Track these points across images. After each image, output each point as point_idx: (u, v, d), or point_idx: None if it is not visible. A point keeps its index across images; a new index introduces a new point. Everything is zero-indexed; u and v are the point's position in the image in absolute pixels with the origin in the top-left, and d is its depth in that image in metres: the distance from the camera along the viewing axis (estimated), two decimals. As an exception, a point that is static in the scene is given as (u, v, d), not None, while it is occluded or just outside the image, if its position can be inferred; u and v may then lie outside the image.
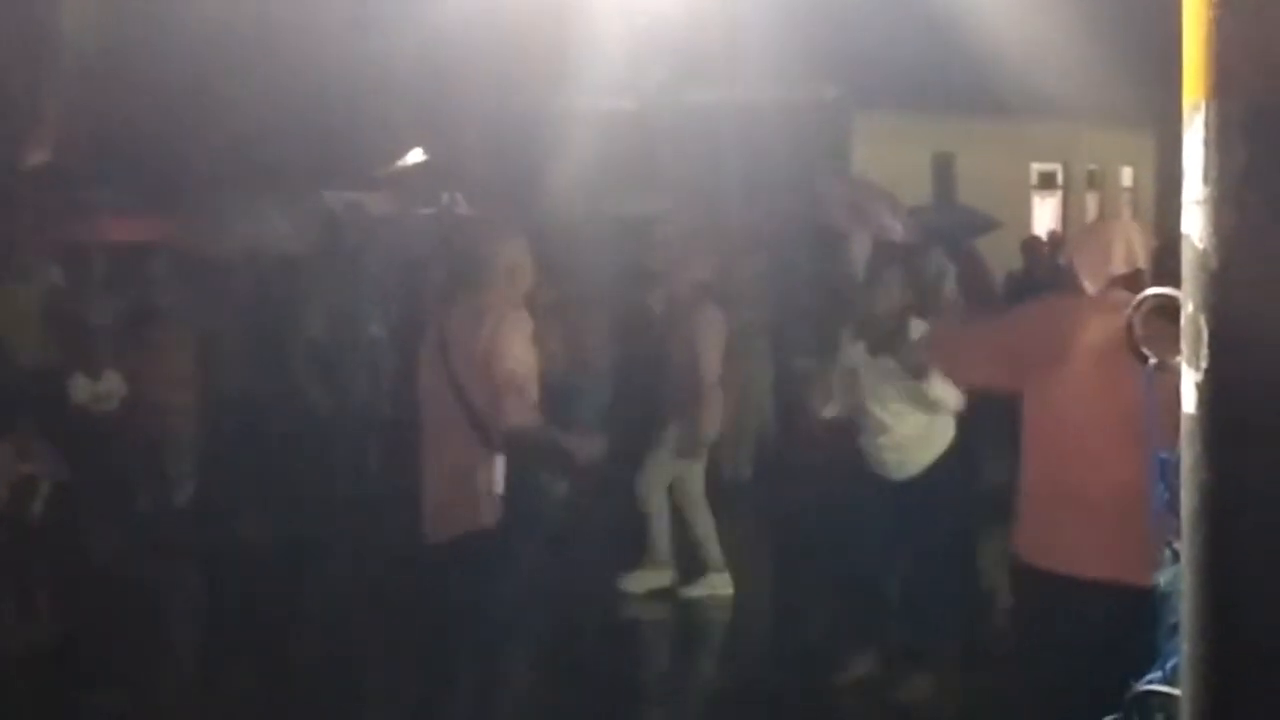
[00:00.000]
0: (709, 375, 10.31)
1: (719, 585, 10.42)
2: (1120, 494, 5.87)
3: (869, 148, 21.90)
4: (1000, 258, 18.04)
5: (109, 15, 18.85)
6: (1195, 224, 2.43)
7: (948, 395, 8.44)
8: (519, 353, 7.12)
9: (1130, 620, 5.87)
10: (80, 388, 12.17)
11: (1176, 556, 2.88)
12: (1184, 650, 2.57)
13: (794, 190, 17.29)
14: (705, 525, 10.42)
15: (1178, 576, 2.79)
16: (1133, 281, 5.99)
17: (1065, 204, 27.69)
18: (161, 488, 12.48)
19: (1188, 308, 2.46)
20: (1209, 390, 2.39)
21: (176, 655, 9.87)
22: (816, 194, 17.10)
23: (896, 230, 16.48)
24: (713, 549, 10.43)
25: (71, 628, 9.97)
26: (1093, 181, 28.46)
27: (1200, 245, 2.40)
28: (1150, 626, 3.71)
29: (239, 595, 10.30)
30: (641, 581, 10.49)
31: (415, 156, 20.68)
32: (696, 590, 10.41)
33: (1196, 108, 2.45)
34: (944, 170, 23.51)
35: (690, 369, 10.27)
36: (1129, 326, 3.96)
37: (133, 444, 12.36)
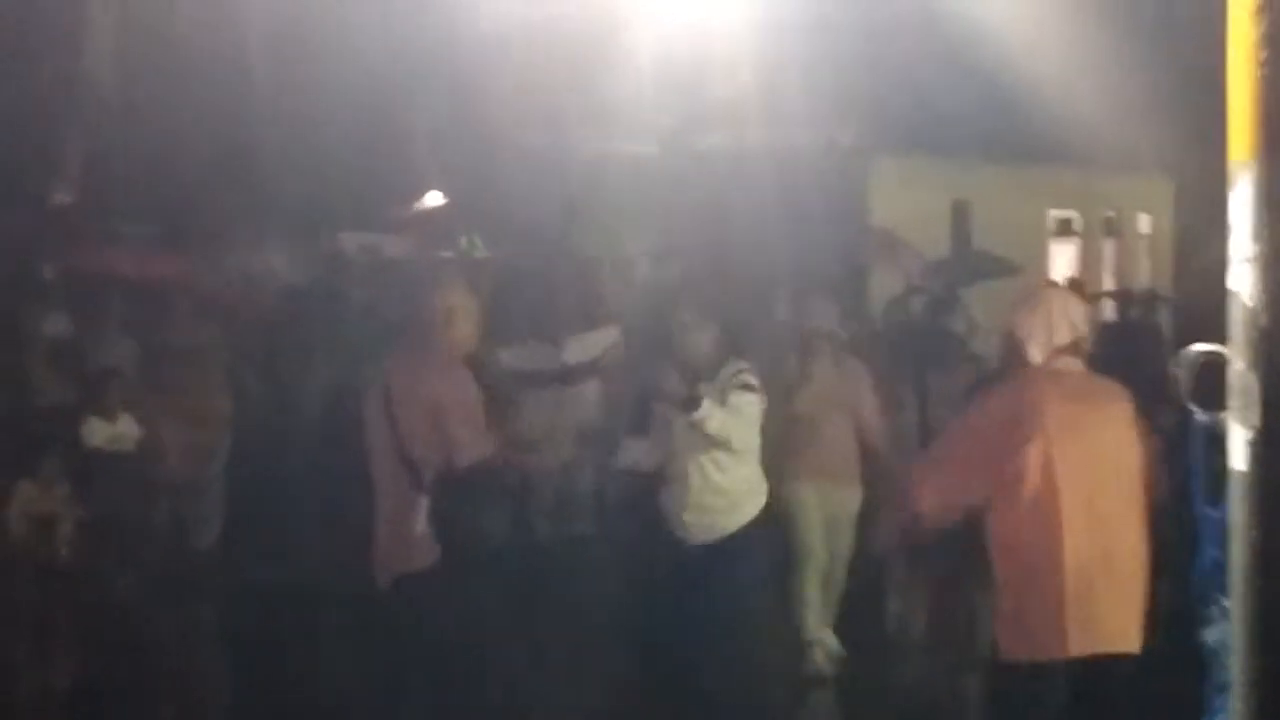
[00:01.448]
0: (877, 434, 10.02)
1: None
2: (1104, 561, 5.86)
3: (886, 193, 21.89)
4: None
5: (129, 55, 18.92)
6: (1244, 282, 2.43)
7: (727, 429, 7.91)
8: (460, 406, 7.12)
9: (1122, 688, 5.90)
10: (95, 430, 12.13)
11: (1225, 614, 2.88)
12: (1234, 707, 2.57)
13: (816, 234, 17.29)
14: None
15: (1227, 634, 2.79)
16: (1075, 348, 6.00)
17: (1083, 251, 27.66)
18: (179, 529, 12.46)
19: (1237, 365, 2.46)
20: (1260, 447, 2.39)
21: (193, 697, 9.85)
22: (839, 238, 17.13)
23: (917, 272, 16.52)
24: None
25: (89, 669, 9.96)
26: (1110, 228, 28.43)
27: (1250, 303, 2.40)
28: (1198, 684, 3.72)
29: (254, 638, 10.28)
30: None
31: (433, 199, 20.71)
32: None
33: (1244, 165, 2.45)
34: (961, 216, 23.49)
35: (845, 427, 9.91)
36: (1175, 379, 3.96)
37: (150, 485, 12.32)
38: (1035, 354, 5.98)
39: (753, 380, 8.05)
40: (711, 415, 7.78)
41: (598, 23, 17.02)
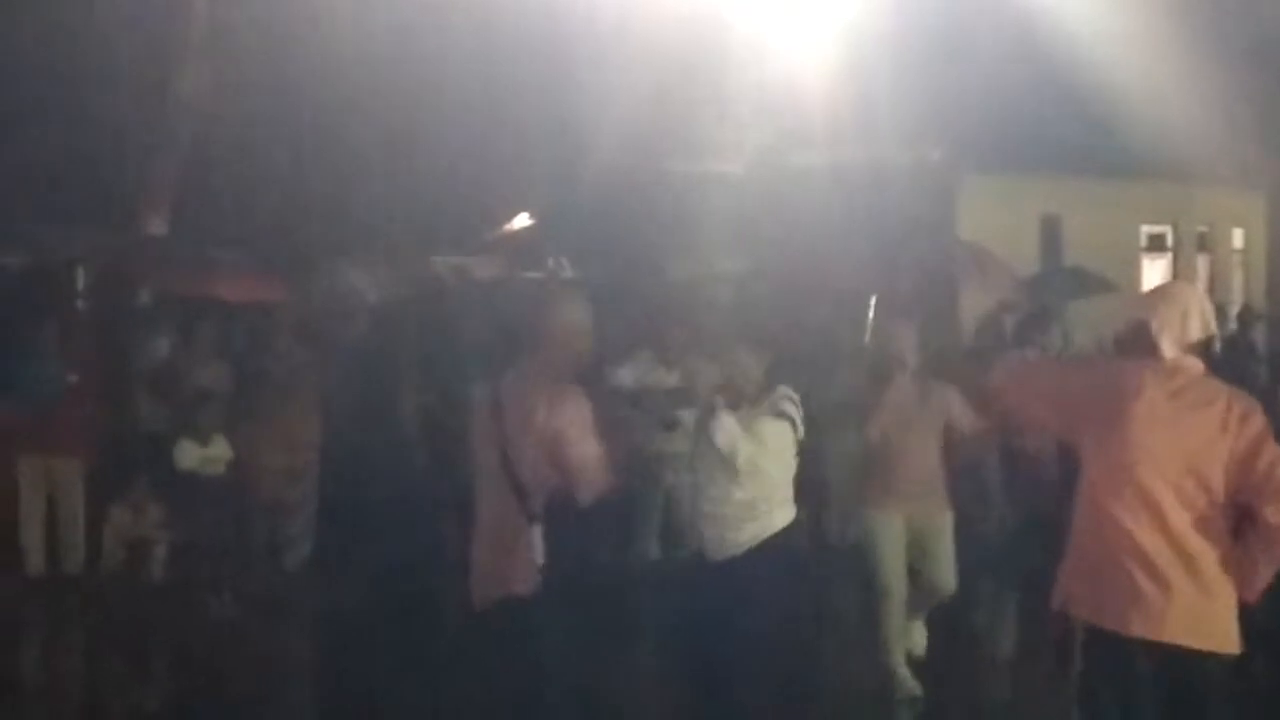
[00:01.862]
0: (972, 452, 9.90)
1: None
2: (1183, 556, 5.89)
3: (975, 209, 21.83)
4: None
5: (223, 81, 19.13)
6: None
7: (724, 438, 7.85)
8: (580, 433, 7.05)
9: (1188, 687, 5.88)
10: (187, 453, 12.27)
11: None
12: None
13: (907, 252, 17.24)
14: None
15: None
16: (1203, 347, 6.03)
17: (1175, 266, 27.45)
18: (271, 550, 12.56)
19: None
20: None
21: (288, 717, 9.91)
22: (927, 255, 17.05)
23: (1008, 287, 16.44)
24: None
25: (186, 689, 10.06)
26: (1203, 243, 28.20)
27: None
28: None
29: (344, 660, 10.32)
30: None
31: (522, 221, 20.83)
32: None
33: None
34: (1052, 232, 23.38)
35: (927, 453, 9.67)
36: (1276, 396, 3.97)
37: (242, 507, 12.43)
38: (1168, 347, 5.99)
39: (790, 409, 8.01)
40: (722, 430, 7.79)
41: (687, 44, 17.07)
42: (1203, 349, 6.02)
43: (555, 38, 17.55)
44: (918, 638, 10.02)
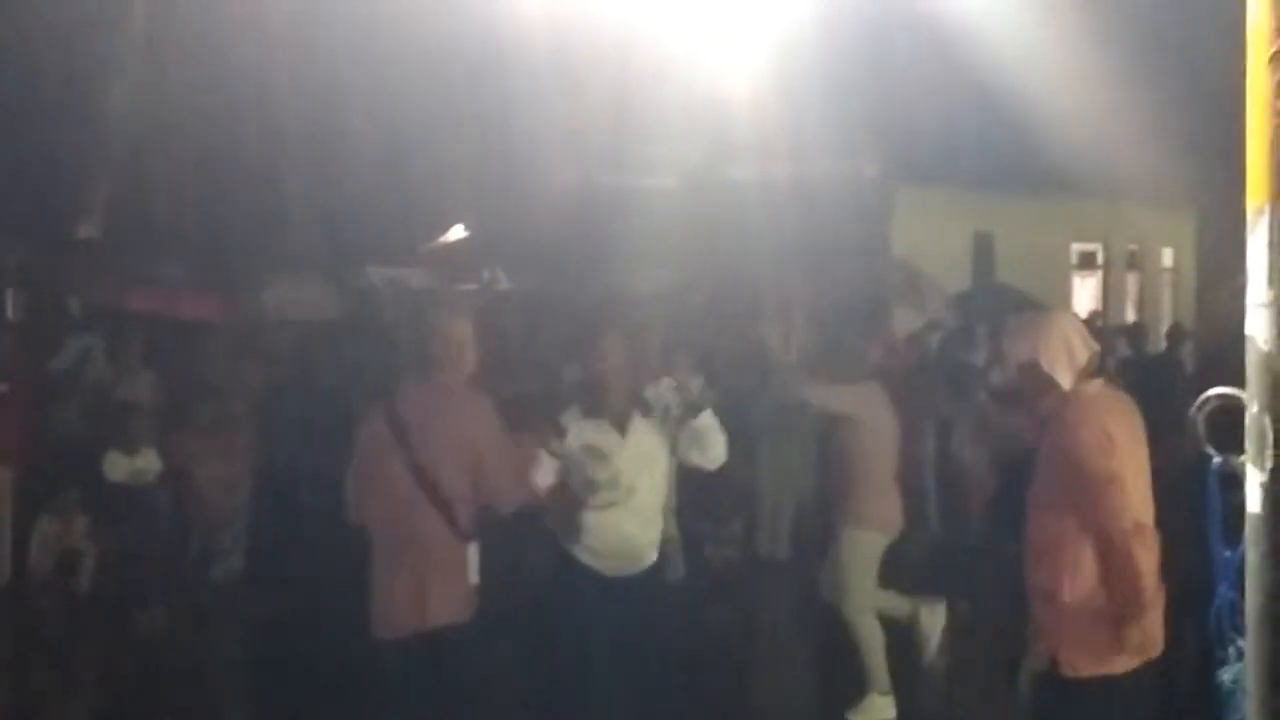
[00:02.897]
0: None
1: (882, 710, 9.44)
2: (1148, 575, 5.93)
3: (910, 225, 21.90)
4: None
5: (155, 90, 19.03)
6: (1260, 326, 2.46)
7: (716, 443, 7.70)
8: (491, 442, 6.97)
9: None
10: (116, 464, 12.19)
11: (1241, 655, 2.92)
12: (1249, 749, 2.59)
13: (840, 266, 17.32)
14: (874, 636, 9.50)
15: (1242, 674, 2.82)
16: (1091, 367, 6.06)
17: (1105, 284, 27.66)
18: (202, 562, 12.50)
19: (1252, 408, 2.49)
20: (1275, 490, 2.42)
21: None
22: (863, 271, 17.12)
23: (937, 307, 16.53)
24: (879, 665, 9.48)
25: (115, 701, 9.99)
26: (1133, 261, 28.43)
27: (1265, 348, 2.44)
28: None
29: (280, 669, 10.28)
30: (870, 713, 9.43)
31: (457, 233, 20.80)
32: (860, 716, 9.40)
33: (1261, 211, 2.49)
34: (984, 248, 23.51)
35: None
36: (1193, 422, 4.00)
37: (174, 519, 12.37)
38: (1064, 379, 6.01)
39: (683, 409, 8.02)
40: (710, 430, 7.74)
41: (622, 58, 17.09)
42: (1092, 369, 6.06)
43: (491, 53, 17.53)
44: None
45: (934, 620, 9.90)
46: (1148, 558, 5.87)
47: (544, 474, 7.58)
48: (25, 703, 10.16)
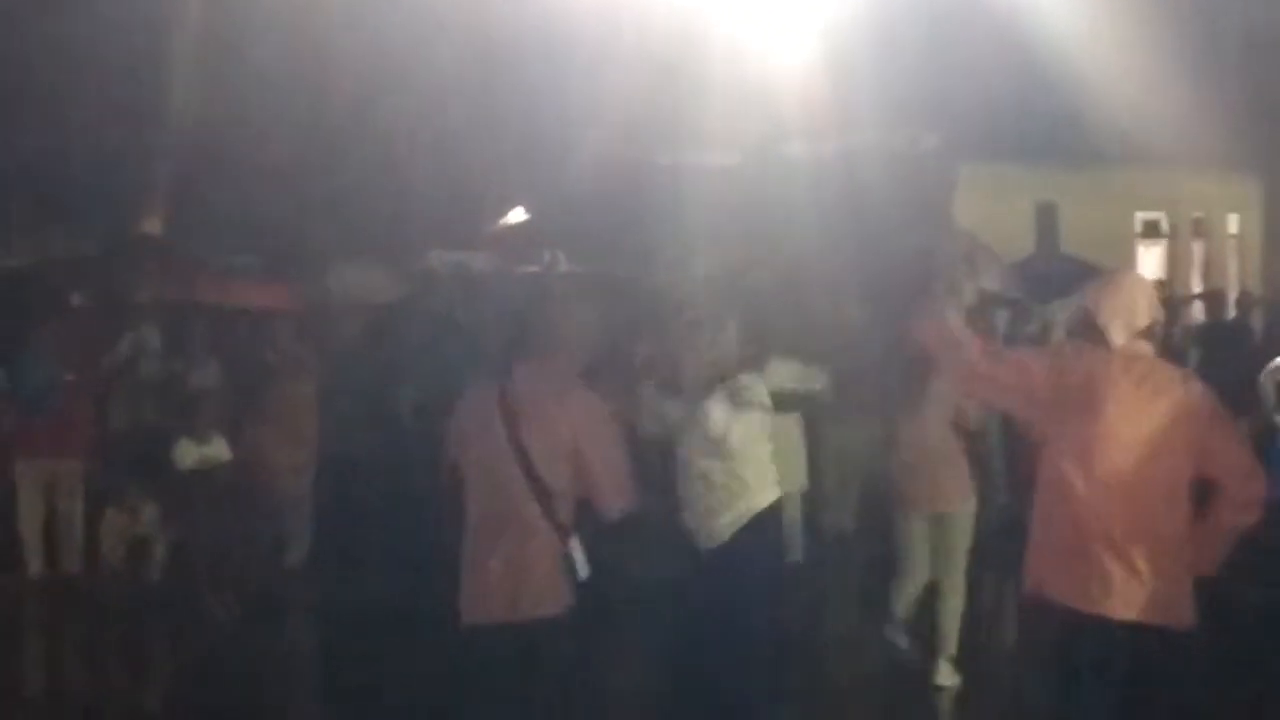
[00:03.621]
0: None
1: (949, 677, 9.63)
2: (1148, 538, 5.97)
3: (971, 197, 21.79)
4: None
5: (217, 84, 19.14)
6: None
7: (715, 420, 7.75)
8: (606, 446, 6.88)
9: (1151, 663, 5.94)
10: (186, 452, 12.28)
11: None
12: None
13: (899, 241, 17.24)
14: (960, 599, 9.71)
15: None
16: (1151, 332, 6.11)
17: (1170, 252, 27.42)
18: (273, 548, 12.59)
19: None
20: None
21: (290, 715, 9.90)
22: (925, 244, 17.02)
23: (1000, 277, 16.43)
24: (954, 630, 9.68)
25: (187, 688, 10.07)
26: (1198, 229, 28.17)
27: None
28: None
29: (350, 656, 10.31)
30: (946, 676, 9.62)
31: (517, 215, 20.84)
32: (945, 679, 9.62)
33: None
34: (1047, 219, 23.36)
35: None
36: (1262, 389, 4.00)
37: (244, 506, 12.45)
38: (1117, 337, 6.07)
39: (763, 397, 7.99)
40: (713, 415, 7.76)
41: (680, 35, 17.07)
42: (1150, 334, 6.12)
43: (547, 33, 17.55)
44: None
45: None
46: (1156, 523, 5.96)
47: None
48: (98, 690, 10.27)
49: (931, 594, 9.77)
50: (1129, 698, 5.95)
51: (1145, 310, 6.14)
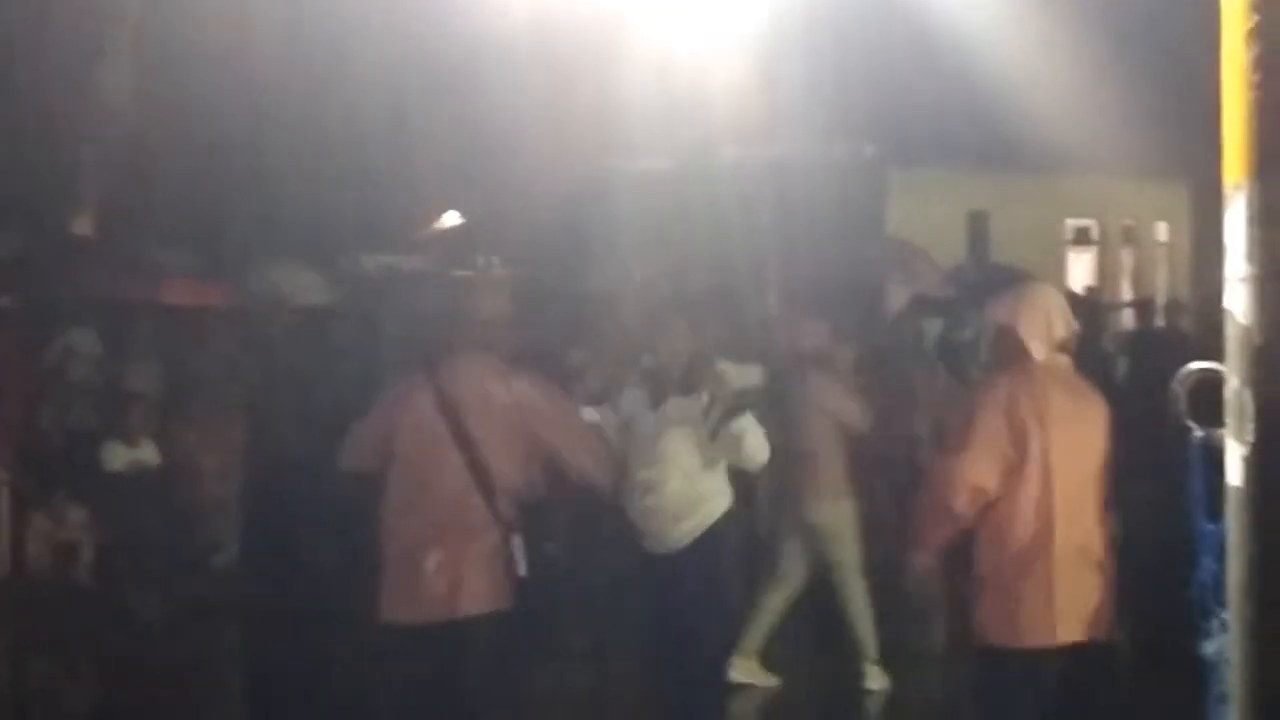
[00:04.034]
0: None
1: (876, 679, 9.81)
2: (1090, 553, 6.02)
3: (905, 205, 21.92)
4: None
5: (149, 83, 19.02)
6: (1239, 301, 2.48)
7: (754, 444, 7.72)
8: (560, 408, 6.86)
9: (1089, 678, 6.00)
10: (116, 454, 12.18)
11: (1225, 626, 2.94)
12: (1233, 718, 2.61)
13: (833, 248, 17.32)
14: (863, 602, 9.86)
15: (1225, 646, 2.84)
16: (1066, 345, 6.15)
17: (1100, 259, 27.64)
18: (200, 552, 12.49)
19: (1233, 383, 2.51)
20: (1256, 464, 2.44)
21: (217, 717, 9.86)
22: (859, 252, 17.10)
23: (934, 284, 16.51)
24: (869, 633, 9.84)
25: (114, 691, 10.01)
26: (1128, 237, 28.42)
27: (1244, 321, 2.45)
28: (1198, 695, 3.80)
29: (279, 658, 10.26)
30: (874, 679, 9.81)
31: (451, 219, 20.79)
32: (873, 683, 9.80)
33: (1239, 187, 2.50)
34: (978, 227, 23.52)
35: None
36: (1175, 397, 4.05)
37: (172, 509, 12.35)
38: (1037, 350, 6.11)
39: (740, 402, 8.01)
40: (747, 432, 7.74)
41: (615, 40, 17.08)
42: (1066, 346, 6.15)
43: (483, 37, 17.52)
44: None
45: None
46: (1085, 536, 5.99)
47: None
48: (25, 694, 10.19)
49: (837, 603, 9.85)
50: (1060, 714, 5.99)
51: (1061, 322, 6.18)
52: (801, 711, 10.14)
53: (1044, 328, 6.13)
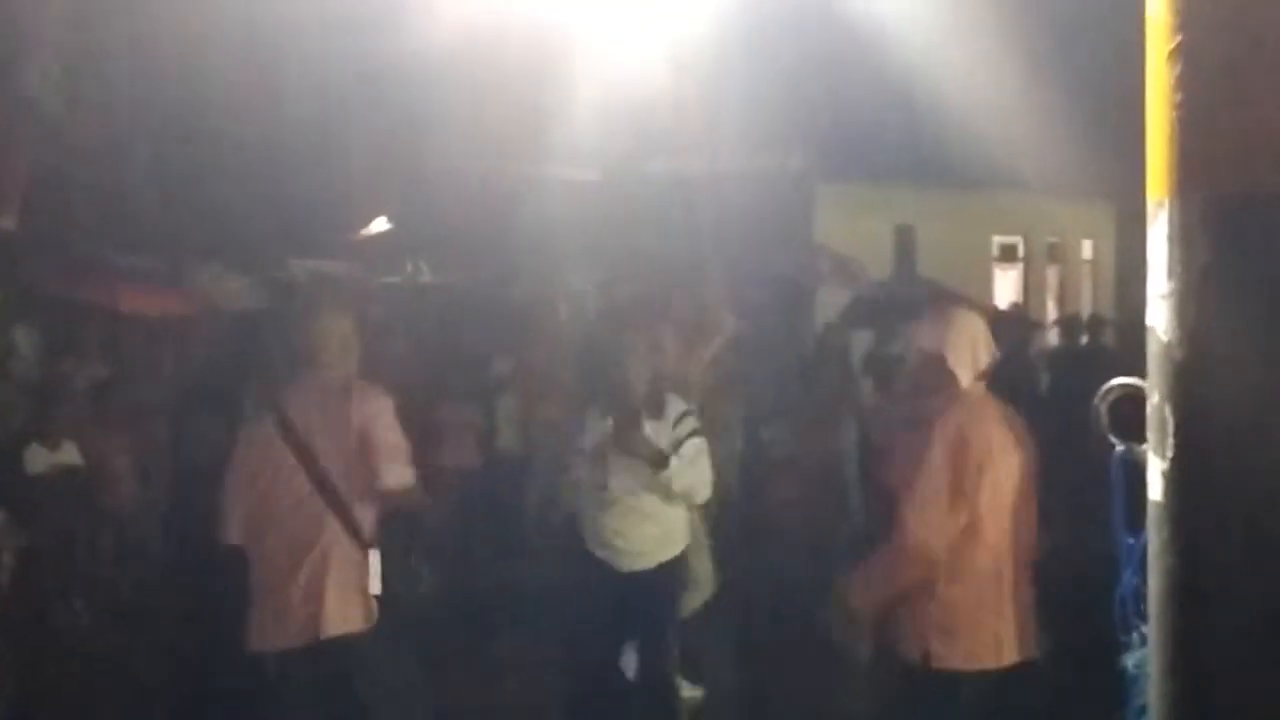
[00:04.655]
0: None
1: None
2: (1015, 578, 6.09)
3: (831, 219, 22.00)
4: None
5: (75, 78, 18.86)
6: (1160, 317, 2.51)
7: (693, 486, 7.84)
8: (387, 423, 6.82)
9: (1011, 695, 6.07)
10: (37, 457, 12.06)
11: (1144, 640, 2.98)
12: (1151, 733, 2.65)
13: (765, 256, 17.37)
14: None
15: (1145, 660, 2.88)
16: (988, 373, 6.22)
17: (1026, 276, 27.87)
18: (121, 557, 12.39)
19: (1153, 398, 2.54)
20: (1175, 478, 2.47)
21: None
22: (795, 256, 17.18)
23: (869, 288, 16.63)
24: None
25: (34, 697, 9.92)
26: (1054, 254, 28.67)
27: (1165, 338, 2.49)
28: (1119, 708, 3.85)
29: (197, 664, 10.21)
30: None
31: (380, 225, 20.72)
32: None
33: (1160, 204, 2.53)
34: (906, 242, 23.64)
35: None
36: (1097, 412, 4.10)
37: (91, 512, 12.24)
38: (964, 378, 6.15)
39: (699, 425, 8.05)
40: (678, 475, 7.75)
41: (543, 50, 17.08)
42: (987, 375, 6.21)
43: (413, 44, 17.48)
44: None
45: None
46: (1016, 558, 6.06)
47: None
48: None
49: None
50: None
51: (985, 351, 6.23)
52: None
53: (970, 356, 6.17)
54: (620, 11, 16.85)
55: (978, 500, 5.96)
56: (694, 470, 7.83)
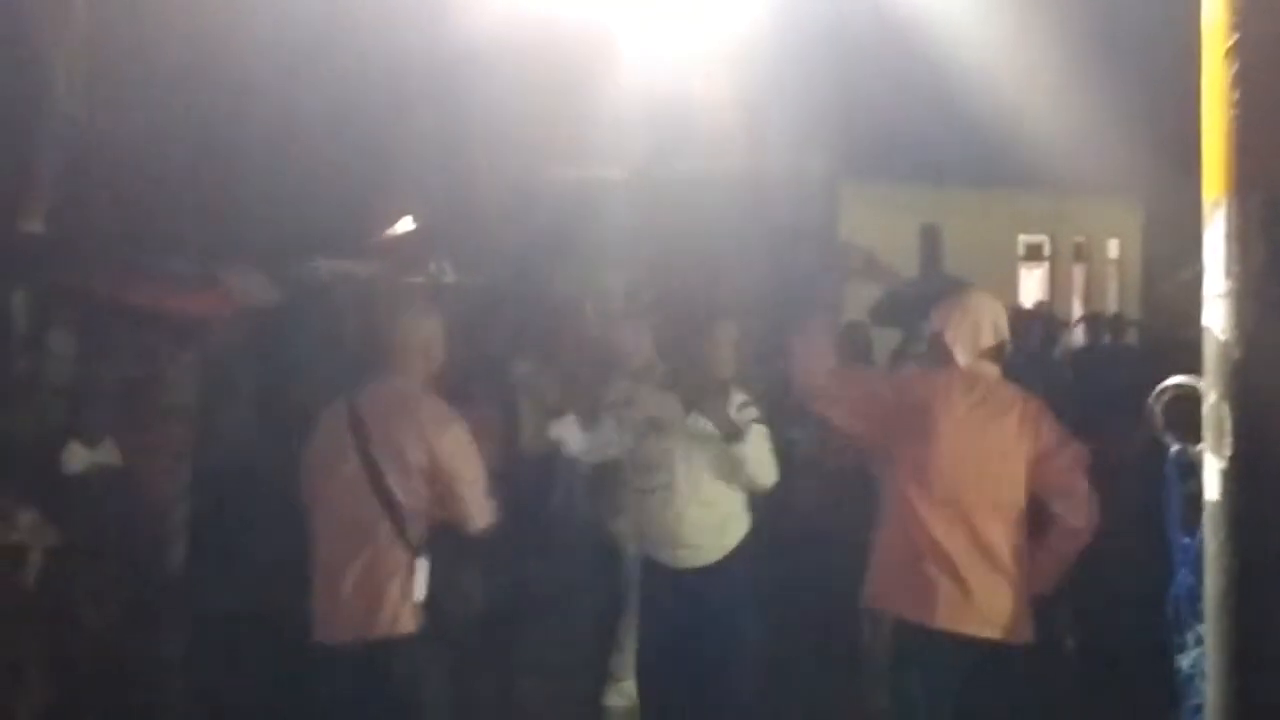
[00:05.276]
0: None
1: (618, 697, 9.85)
2: (984, 555, 6.11)
3: (856, 218, 21.98)
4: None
5: (101, 78, 18.91)
6: (1217, 317, 2.50)
7: (764, 467, 7.83)
8: (465, 463, 6.83)
9: (995, 679, 6.09)
10: (76, 456, 12.10)
11: (1200, 640, 2.97)
12: (1208, 734, 2.64)
13: (794, 253, 17.35)
14: None
15: (1201, 659, 2.87)
16: (997, 353, 6.25)
17: (1052, 275, 27.80)
18: (155, 556, 12.43)
19: (1210, 397, 2.54)
20: (1233, 478, 2.46)
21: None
22: (824, 253, 17.15)
23: (899, 283, 16.62)
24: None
25: (64, 698, 9.94)
26: (1080, 253, 28.59)
27: (1223, 337, 2.48)
28: (1172, 705, 3.84)
29: (222, 668, 10.23)
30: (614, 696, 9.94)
31: (405, 225, 20.75)
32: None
33: (1217, 204, 2.53)
34: (931, 241, 23.61)
35: None
36: (1150, 412, 4.10)
37: (126, 512, 12.28)
38: (961, 357, 6.21)
39: (760, 414, 8.05)
40: (753, 451, 7.74)
41: (571, 50, 17.09)
42: (996, 355, 6.25)
43: (440, 44, 17.50)
44: None
45: None
46: (990, 537, 6.10)
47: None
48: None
49: None
50: (963, 711, 6.08)
51: (990, 331, 6.28)
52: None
53: (970, 335, 6.26)
54: (648, 12, 16.86)
55: (923, 449, 6.23)
56: (762, 453, 7.84)
